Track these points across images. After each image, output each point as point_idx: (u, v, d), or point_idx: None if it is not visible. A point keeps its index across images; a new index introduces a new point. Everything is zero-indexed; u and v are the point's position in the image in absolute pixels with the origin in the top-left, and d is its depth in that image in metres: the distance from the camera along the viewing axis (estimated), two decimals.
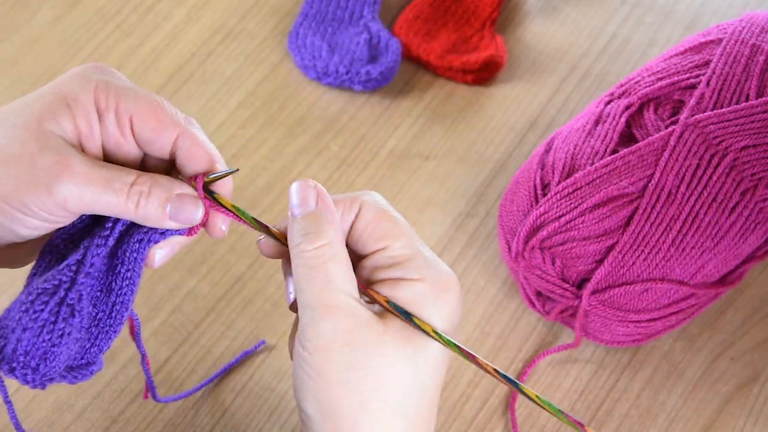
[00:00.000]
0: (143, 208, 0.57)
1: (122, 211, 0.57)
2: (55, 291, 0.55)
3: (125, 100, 0.58)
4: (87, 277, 0.56)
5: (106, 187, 0.56)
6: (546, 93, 0.92)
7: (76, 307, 0.56)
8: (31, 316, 0.54)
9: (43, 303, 0.55)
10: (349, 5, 0.95)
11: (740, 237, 0.74)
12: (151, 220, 0.58)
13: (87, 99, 0.58)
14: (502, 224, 0.78)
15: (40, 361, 0.55)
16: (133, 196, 0.57)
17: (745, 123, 0.75)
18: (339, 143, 0.88)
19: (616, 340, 0.77)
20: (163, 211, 0.57)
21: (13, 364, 0.54)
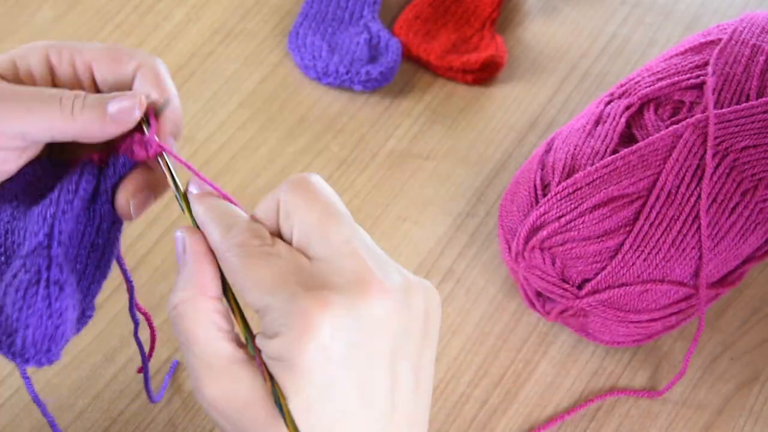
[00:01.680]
0: (80, 113, 0.55)
1: (58, 122, 0.55)
2: (38, 278, 0.55)
3: (80, 52, 0.58)
4: (61, 246, 0.56)
5: (35, 97, 0.55)
6: (546, 93, 0.92)
7: (62, 279, 0.55)
8: (27, 313, 0.54)
9: (33, 295, 0.55)
10: (349, 5, 0.95)
11: (740, 237, 0.74)
12: (90, 128, 0.56)
13: (35, 57, 0.58)
14: (502, 224, 0.78)
15: (50, 343, 0.55)
16: (67, 102, 0.55)
17: (745, 123, 0.75)
18: (339, 143, 0.88)
19: (616, 340, 0.77)
20: (102, 113, 0.55)
21: (26, 356, 0.55)
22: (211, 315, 0.54)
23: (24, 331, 0.54)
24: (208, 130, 0.88)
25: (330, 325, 0.50)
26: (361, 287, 0.51)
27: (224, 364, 0.53)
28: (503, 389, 0.76)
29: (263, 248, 0.53)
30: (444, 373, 0.77)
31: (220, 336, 0.53)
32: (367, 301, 0.51)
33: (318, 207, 0.53)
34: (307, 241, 0.53)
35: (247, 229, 0.54)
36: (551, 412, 0.75)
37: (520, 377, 0.77)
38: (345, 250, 0.52)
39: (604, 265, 0.73)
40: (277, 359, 0.51)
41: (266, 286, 0.51)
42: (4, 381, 0.74)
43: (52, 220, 0.56)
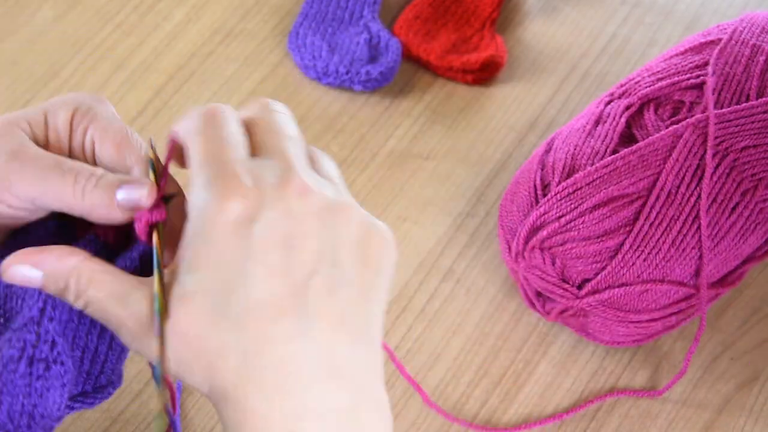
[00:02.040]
0: (90, 195, 0.55)
1: (67, 197, 0.55)
2: (21, 354, 0.54)
3: (95, 124, 0.58)
4: (53, 322, 0.55)
5: (53, 168, 0.55)
6: (546, 93, 0.92)
7: (51, 358, 0.54)
8: (2, 389, 0.53)
9: (12, 372, 0.53)
10: (349, 5, 0.95)
11: (740, 237, 0.74)
12: (97, 210, 0.55)
13: (63, 116, 0.58)
14: (502, 224, 0.78)
15: (28, 420, 0.54)
16: (81, 180, 0.55)
17: (745, 123, 0.75)
18: (339, 143, 0.88)
19: (616, 340, 0.77)
20: (111, 197, 0.55)
21: (5, 429, 0.54)
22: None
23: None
24: None
25: (242, 203, 0.51)
26: (283, 185, 0.52)
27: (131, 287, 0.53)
28: (503, 389, 0.76)
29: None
30: (444, 373, 0.77)
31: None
32: (288, 197, 0.52)
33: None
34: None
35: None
36: (551, 412, 0.75)
37: (520, 377, 0.77)
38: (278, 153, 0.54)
39: (604, 265, 0.73)
40: (190, 240, 0.51)
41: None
42: None
43: (46, 296, 0.55)
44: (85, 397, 0.58)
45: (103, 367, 0.58)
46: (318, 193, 0.53)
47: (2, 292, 0.57)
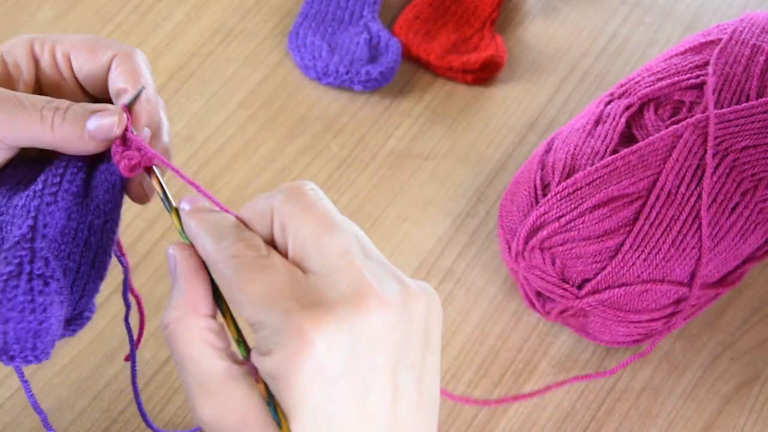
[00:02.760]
0: (59, 128, 0.55)
1: (37, 133, 0.55)
2: (19, 271, 0.53)
3: (61, 42, 0.58)
4: (45, 240, 0.54)
5: (16, 105, 0.55)
6: (546, 93, 0.92)
7: (47, 273, 0.54)
8: (7, 306, 0.52)
9: (13, 287, 0.53)
10: (349, 5, 0.95)
11: (740, 237, 0.74)
12: (69, 143, 0.55)
13: (21, 50, 0.58)
14: (502, 224, 0.78)
15: (33, 340, 0.53)
16: (48, 114, 0.55)
17: (745, 123, 0.75)
18: (339, 143, 0.88)
19: (616, 340, 0.77)
20: (81, 128, 0.55)
21: (10, 353, 0.53)
22: (204, 333, 0.52)
23: (4, 326, 0.52)
24: (208, 130, 0.88)
25: (325, 342, 0.49)
26: (358, 301, 0.50)
27: (218, 382, 0.52)
28: (503, 389, 0.76)
29: (258, 260, 0.51)
30: (444, 373, 0.77)
31: (214, 354, 0.52)
32: (365, 314, 0.50)
33: (313, 218, 0.52)
34: (302, 253, 0.52)
35: (240, 239, 0.52)
36: (551, 411, 0.75)
37: (520, 377, 0.77)
38: (341, 263, 0.51)
39: (604, 265, 0.73)
40: (272, 377, 0.50)
41: (261, 301, 0.50)
42: (3, 382, 0.74)
43: (36, 212, 0.55)
44: (67, 324, 0.58)
45: (84, 289, 0.57)
46: (392, 303, 0.51)
47: None
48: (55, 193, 0.56)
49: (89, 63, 0.58)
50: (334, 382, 0.50)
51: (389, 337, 0.51)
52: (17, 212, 0.56)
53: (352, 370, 0.50)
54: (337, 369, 0.50)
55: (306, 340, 0.49)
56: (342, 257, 0.51)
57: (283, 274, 0.51)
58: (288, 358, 0.49)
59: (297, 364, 0.49)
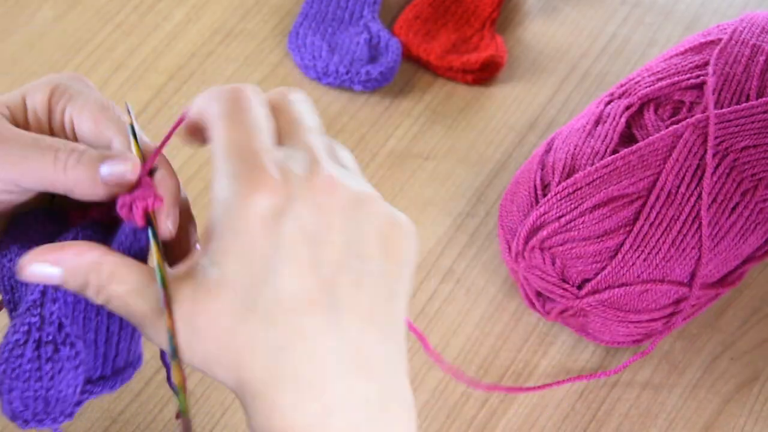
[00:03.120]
0: (72, 170, 0.54)
1: (49, 173, 0.54)
2: (26, 339, 0.53)
3: (73, 102, 0.57)
4: (57, 303, 0.54)
5: (32, 145, 0.54)
6: (546, 93, 0.92)
7: (59, 340, 0.54)
8: (11, 375, 0.53)
9: (18, 356, 0.53)
10: (349, 5, 0.95)
11: (740, 237, 0.74)
12: (80, 186, 0.55)
13: (41, 97, 0.57)
14: (502, 224, 0.78)
15: (44, 406, 0.54)
16: (62, 155, 0.54)
17: (745, 123, 0.75)
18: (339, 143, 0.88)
19: (616, 340, 0.77)
20: (94, 173, 0.54)
21: (24, 418, 0.53)
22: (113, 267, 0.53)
23: (9, 395, 0.53)
24: None
25: (270, 195, 0.50)
26: (310, 181, 0.52)
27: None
28: None
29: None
30: (444, 373, 0.76)
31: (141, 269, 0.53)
32: (316, 192, 0.52)
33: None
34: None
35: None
36: (551, 411, 0.75)
37: (520, 377, 0.77)
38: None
39: (604, 265, 0.73)
40: (215, 231, 0.51)
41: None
42: None
43: None
44: (105, 381, 0.58)
45: (117, 348, 0.57)
46: (344, 186, 0.53)
47: (8, 284, 0.56)
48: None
49: (91, 133, 0.57)
50: (278, 239, 0.51)
51: (341, 218, 0.52)
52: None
53: (298, 235, 0.51)
54: (286, 229, 0.51)
55: (259, 187, 0.50)
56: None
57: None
58: (239, 198, 0.50)
59: (246, 206, 0.50)
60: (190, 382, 0.75)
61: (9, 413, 0.53)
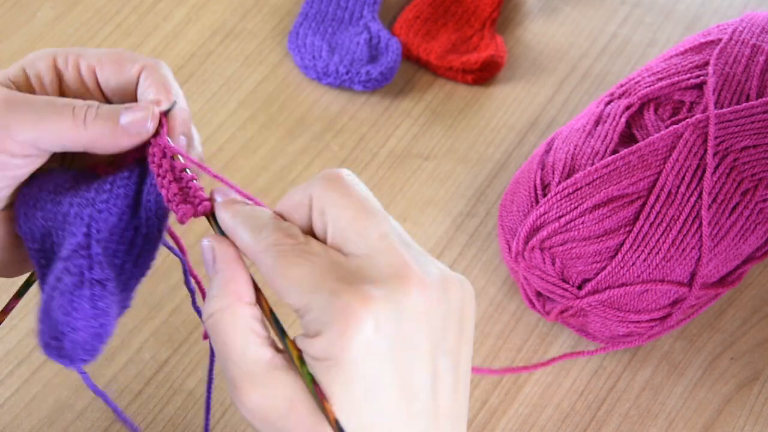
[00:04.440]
0: (92, 123, 0.54)
1: (70, 132, 0.54)
2: (81, 280, 0.55)
3: (85, 56, 0.58)
4: (100, 244, 0.55)
5: (48, 105, 0.54)
6: (546, 93, 0.92)
7: (104, 277, 0.55)
8: (75, 316, 0.54)
9: (79, 297, 0.54)
10: (349, 5, 0.95)
11: (740, 237, 0.74)
12: (102, 139, 0.55)
13: (43, 63, 0.57)
14: (502, 224, 0.78)
15: (97, 343, 0.55)
16: (80, 112, 0.54)
17: (745, 123, 0.75)
18: (339, 143, 0.88)
19: (616, 341, 0.77)
20: (115, 123, 0.54)
21: (74, 359, 0.54)
22: (248, 321, 0.53)
23: (73, 334, 0.54)
24: (208, 130, 0.88)
25: (373, 319, 0.49)
26: (400, 281, 0.51)
27: (264, 370, 0.52)
28: (503, 389, 0.76)
29: (298, 246, 0.52)
30: None
31: (259, 342, 0.52)
32: (408, 294, 0.51)
33: (353, 203, 0.52)
34: (342, 238, 0.52)
35: (278, 228, 0.53)
36: (551, 411, 0.75)
37: (520, 377, 0.77)
38: (382, 245, 0.51)
39: (604, 265, 0.73)
40: (321, 359, 0.50)
41: (305, 285, 0.51)
42: (3, 381, 0.74)
43: (89, 220, 0.56)
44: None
45: (126, 284, 0.58)
46: (432, 285, 0.52)
47: (39, 233, 0.57)
48: (106, 200, 0.56)
49: (116, 76, 0.58)
50: (381, 360, 0.50)
51: (430, 318, 0.52)
52: (70, 220, 0.56)
53: (397, 349, 0.51)
54: (384, 347, 0.50)
55: (355, 317, 0.49)
56: (382, 240, 0.52)
57: (325, 258, 0.51)
58: (338, 336, 0.49)
59: (347, 341, 0.49)
60: (188, 381, 0.75)
61: (68, 351, 0.54)
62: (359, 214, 0.52)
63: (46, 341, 0.54)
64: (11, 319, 0.77)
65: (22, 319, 0.77)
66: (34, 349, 0.76)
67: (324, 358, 0.50)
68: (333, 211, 0.52)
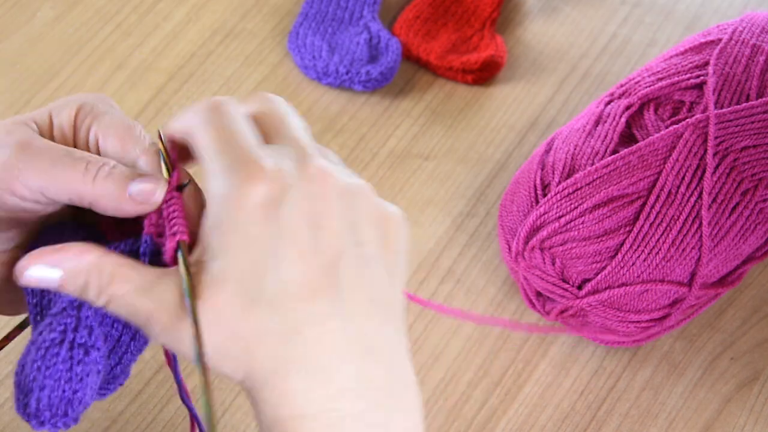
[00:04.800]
0: (101, 182, 0.54)
1: (77, 185, 0.54)
2: (62, 339, 0.54)
3: (98, 120, 0.57)
4: (92, 308, 0.55)
5: (63, 156, 0.55)
6: (546, 93, 0.92)
7: (89, 343, 0.54)
8: (45, 374, 0.53)
9: (54, 355, 0.53)
10: (349, 5, 0.95)
11: (740, 237, 0.74)
12: (108, 199, 0.55)
13: (67, 114, 0.58)
14: (502, 224, 0.78)
15: (66, 408, 0.54)
16: (92, 168, 0.55)
17: (745, 123, 0.75)
18: (339, 143, 0.88)
19: (616, 340, 0.77)
20: (123, 187, 0.55)
21: (41, 419, 0.53)
22: (117, 270, 0.53)
23: (39, 393, 0.53)
24: None
25: (268, 188, 0.51)
26: (299, 170, 0.53)
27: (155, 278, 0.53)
28: (503, 389, 0.76)
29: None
30: (444, 373, 0.77)
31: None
32: (305, 180, 0.53)
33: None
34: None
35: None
36: (551, 411, 0.75)
37: (520, 377, 0.77)
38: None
39: (604, 265, 0.73)
40: (214, 226, 0.51)
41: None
42: (3, 382, 0.74)
43: None
44: (99, 388, 0.58)
45: (121, 358, 0.58)
46: (335, 176, 0.54)
47: (38, 288, 0.56)
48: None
49: (116, 153, 0.57)
50: (278, 225, 0.51)
51: (337, 205, 0.53)
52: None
53: (298, 213, 0.52)
54: (283, 213, 0.52)
55: (251, 180, 0.51)
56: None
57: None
58: (233, 194, 0.51)
59: (240, 198, 0.51)
60: (189, 381, 0.75)
61: (32, 409, 0.53)
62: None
63: (16, 396, 0.53)
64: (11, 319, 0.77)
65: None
66: None
67: (215, 225, 0.51)
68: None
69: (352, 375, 0.52)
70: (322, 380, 0.51)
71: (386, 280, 0.54)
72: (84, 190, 0.55)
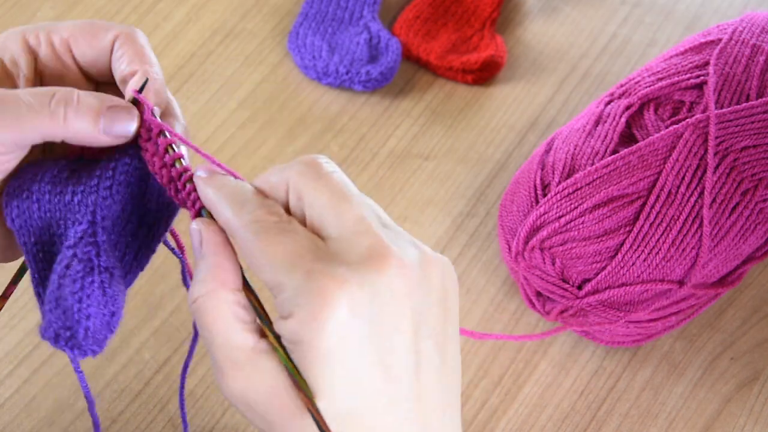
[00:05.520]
0: (72, 123, 0.54)
1: (48, 129, 0.54)
2: (91, 266, 0.54)
3: (57, 30, 0.57)
4: (105, 232, 0.55)
5: (20, 105, 0.54)
6: (546, 93, 0.92)
7: (111, 266, 0.55)
8: (87, 302, 0.53)
9: (90, 283, 0.53)
10: (349, 5, 0.95)
11: (740, 237, 0.74)
12: (83, 137, 0.54)
13: (15, 44, 0.57)
14: (502, 224, 0.78)
15: (106, 332, 0.54)
16: (58, 110, 0.54)
17: (745, 123, 0.75)
18: (339, 143, 0.88)
19: (616, 340, 0.77)
20: (95, 122, 0.54)
21: (84, 348, 0.53)
22: (232, 307, 0.52)
23: (86, 322, 0.53)
24: (208, 130, 0.88)
25: (348, 302, 0.49)
26: (376, 262, 0.50)
27: (247, 355, 0.51)
28: (503, 389, 0.76)
29: (280, 224, 0.52)
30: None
31: (242, 328, 0.52)
32: (384, 275, 0.50)
33: (329, 188, 0.52)
34: (320, 222, 0.52)
35: (262, 205, 0.53)
36: (551, 411, 0.75)
37: (520, 377, 0.77)
38: (359, 228, 0.51)
39: (604, 265, 0.73)
40: (294, 341, 0.50)
41: (282, 263, 0.50)
42: (3, 381, 0.74)
43: (93, 207, 0.55)
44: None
45: (124, 279, 0.58)
46: (410, 265, 0.51)
47: (37, 225, 0.57)
48: (110, 187, 0.56)
49: (91, 48, 0.57)
50: (357, 343, 0.50)
51: (410, 300, 0.51)
52: (73, 208, 0.56)
53: (376, 332, 0.50)
54: (360, 330, 0.50)
55: (328, 300, 0.49)
56: (359, 223, 0.51)
57: (304, 238, 0.51)
58: (310, 318, 0.49)
59: (320, 324, 0.49)
60: (189, 381, 0.75)
61: (79, 340, 0.53)
62: (335, 198, 0.52)
63: (56, 331, 0.53)
64: (11, 319, 0.77)
65: (22, 319, 0.77)
66: (34, 349, 0.76)
67: (296, 340, 0.50)
68: (310, 195, 0.52)
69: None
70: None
71: (449, 373, 0.54)
72: (56, 133, 0.54)
